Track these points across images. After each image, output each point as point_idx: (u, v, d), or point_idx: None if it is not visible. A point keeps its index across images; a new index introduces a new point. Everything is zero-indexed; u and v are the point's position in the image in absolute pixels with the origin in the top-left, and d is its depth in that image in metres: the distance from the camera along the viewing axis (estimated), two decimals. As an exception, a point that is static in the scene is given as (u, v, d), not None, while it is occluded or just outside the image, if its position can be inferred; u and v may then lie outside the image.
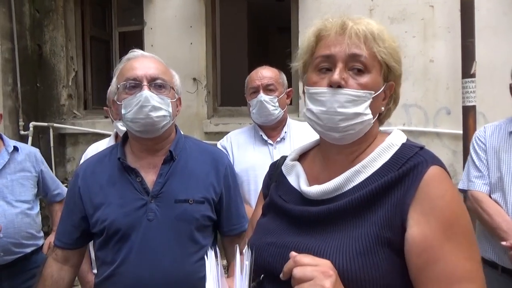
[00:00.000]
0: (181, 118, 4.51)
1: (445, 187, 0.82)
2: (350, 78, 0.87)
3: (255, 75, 2.08)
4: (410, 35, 3.95)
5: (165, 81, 1.34)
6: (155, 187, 1.33)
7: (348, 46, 0.86)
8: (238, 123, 4.00)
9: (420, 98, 3.95)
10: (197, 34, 4.46)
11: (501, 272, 1.78)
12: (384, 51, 0.88)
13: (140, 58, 1.37)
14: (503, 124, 1.92)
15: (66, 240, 1.42)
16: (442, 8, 3.86)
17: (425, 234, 0.78)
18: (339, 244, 0.81)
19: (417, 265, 0.78)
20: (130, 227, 1.30)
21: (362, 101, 0.87)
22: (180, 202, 1.32)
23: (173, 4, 4.52)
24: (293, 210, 0.92)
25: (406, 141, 0.92)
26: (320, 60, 0.90)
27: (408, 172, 0.83)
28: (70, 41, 4.89)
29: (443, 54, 3.87)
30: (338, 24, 0.89)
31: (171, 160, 1.37)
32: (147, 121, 1.29)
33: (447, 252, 0.77)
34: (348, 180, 0.88)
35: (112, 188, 1.35)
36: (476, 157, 1.90)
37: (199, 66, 4.49)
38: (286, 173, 1.02)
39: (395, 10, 3.98)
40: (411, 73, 3.97)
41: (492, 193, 1.84)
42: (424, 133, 3.96)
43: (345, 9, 4.08)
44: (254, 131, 2.13)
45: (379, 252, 0.79)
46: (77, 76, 4.99)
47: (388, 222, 0.80)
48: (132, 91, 1.30)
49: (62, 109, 4.88)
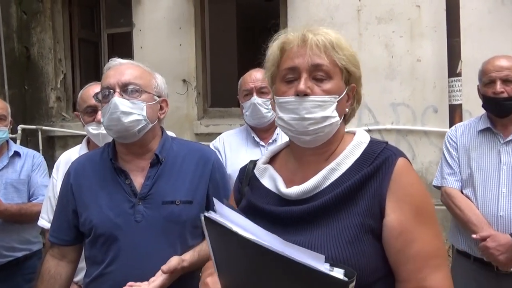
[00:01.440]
0: (171, 119, 4.51)
1: (413, 176, 0.94)
2: (315, 86, 0.95)
3: (249, 78, 2.09)
4: (398, 34, 4.00)
5: (138, 85, 1.35)
6: (143, 189, 1.35)
7: (310, 57, 0.95)
8: (228, 124, 4.02)
9: (407, 97, 4.01)
10: (186, 35, 4.46)
11: (473, 261, 1.91)
12: (344, 58, 0.97)
13: (115, 67, 1.39)
14: (472, 123, 2.02)
15: (61, 236, 1.44)
16: (428, 8, 3.92)
17: (400, 219, 0.88)
18: (328, 236, 0.88)
19: (395, 247, 0.88)
20: (117, 228, 1.32)
21: (328, 105, 0.95)
22: (167, 204, 1.34)
23: (162, 5, 4.51)
24: (276, 211, 0.97)
25: (371, 139, 1.01)
26: (286, 72, 0.98)
27: (381, 165, 0.93)
28: (58, 43, 4.85)
29: (430, 53, 3.92)
30: (299, 37, 0.97)
31: (158, 163, 1.39)
32: (119, 127, 1.31)
33: (420, 233, 0.88)
34: (325, 178, 0.96)
35: (101, 189, 1.37)
36: (448, 155, 2.01)
37: (189, 67, 4.49)
38: (259, 176, 1.08)
39: (382, 10, 4.03)
40: (398, 73, 4.02)
41: (463, 189, 1.95)
42: (412, 132, 4.01)
43: (333, 9, 4.12)
44: (246, 133, 2.15)
45: (364, 239, 0.88)
46: (66, 78, 4.96)
47: (369, 211, 0.90)
48: (107, 99, 1.33)
49: (50, 112, 4.84)
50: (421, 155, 4.00)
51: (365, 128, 4.04)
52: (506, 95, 1.82)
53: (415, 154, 4.03)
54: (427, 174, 3.89)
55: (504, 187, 1.82)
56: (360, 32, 4.09)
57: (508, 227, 1.78)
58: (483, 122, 1.96)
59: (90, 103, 1.87)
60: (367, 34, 4.07)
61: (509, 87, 1.83)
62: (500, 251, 1.73)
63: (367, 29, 4.07)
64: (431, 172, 3.83)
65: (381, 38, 4.04)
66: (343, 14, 4.10)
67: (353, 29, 4.09)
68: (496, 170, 1.86)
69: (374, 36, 4.05)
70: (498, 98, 1.84)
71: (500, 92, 1.82)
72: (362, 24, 4.08)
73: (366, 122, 4.10)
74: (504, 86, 1.83)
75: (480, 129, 1.95)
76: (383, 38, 4.03)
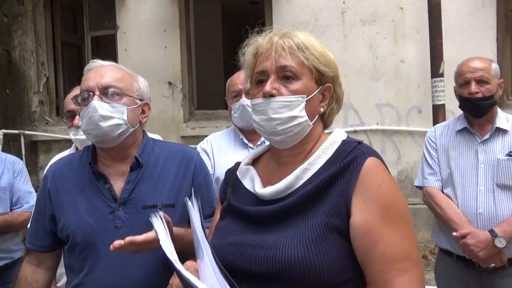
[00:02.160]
0: (157, 122, 4.49)
1: (382, 176, 0.91)
2: (282, 87, 0.97)
3: (237, 79, 2.06)
4: (381, 36, 4.05)
5: (119, 88, 1.31)
6: (123, 194, 1.31)
7: (275, 59, 0.97)
8: (215, 126, 4.01)
9: (392, 97, 4.06)
10: (171, 38, 4.44)
11: (456, 259, 1.93)
12: (311, 58, 0.97)
13: (96, 68, 1.35)
14: (450, 123, 2.06)
15: (38, 243, 1.39)
16: (411, 10, 3.98)
17: (366, 219, 0.87)
18: (293, 236, 0.88)
19: (361, 248, 0.87)
20: (96, 234, 1.27)
21: (295, 105, 0.96)
22: (149, 208, 1.29)
23: (147, 8, 4.49)
24: (250, 210, 0.99)
25: (346, 138, 1.01)
26: (257, 76, 1.01)
27: (349, 164, 0.92)
28: (40, 46, 4.78)
29: (413, 54, 3.98)
30: (266, 41, 1.00)
31: (139, 167, 1.35)
32: (98, 131, 1.27)
33: (386, 234, 0.86)
34: (298, 178, 0.96)
35: (80, 194, 1.32)
36: (428, 156, 2.04)
37: (174, 70, 4.47)
38: (241, 177, 1.09)
39: (366, 12, 4.08)
40: (383, 74, 4.07)
41: (444, 188, 1.98)
42: (397, 132, 4.06)
43: (317, 12, 4.15)
44: (234, 134, 2.12)
45: (330, 239, 0.87)
46: (49, 82, 4.88)
47: (335, 210, 0.89)
48: (86, 102, 1.29)
49: (33, 116, 4.76)
50: (406, 155, 4.05)
51: (351, 129, 4.08)
52: (481, 95, 1.86)
53: (401, 154, 4.08)
54: (413, 173, 3.94)
55: (482, 185, 1.85)
56: (345, 34, 4.13)
57: (487, 224, 1.81)
58: (460, 122, 1.99)
59: (69, 108, 1.83)
60: (352, 35, 4.11)
61: (483, 87, 1.86)
62: (480, 247, 1.75)
63: (352, 31, 4.11)
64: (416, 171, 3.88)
65: (365, 39, 4.09)
66: (328, 16, 4.13)
67: (338, 31, 4.13)
68: (474, 169, 1.89)
69: (359, 37, 4.10)
70: (473, 99, 1.87)
71: (475, 92, 1.86)
72: (347, 26, 4.12)
73: (352, 123, 4.14)
74: (479, 87, 1.86)
75: (458, 129, 1.98)
76: (368, 40, 4.08)
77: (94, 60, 1.39)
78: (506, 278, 1.83)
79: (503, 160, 1.84)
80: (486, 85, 1.87)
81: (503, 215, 1.80)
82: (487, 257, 1.77)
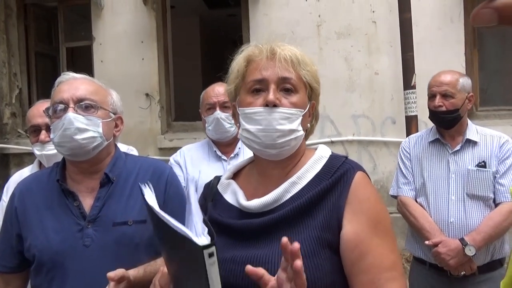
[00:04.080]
0: (135, 134, 4.43)
1: (370, 190, 0.94)
2: (282, 98, 0.96)
3: (212, 92, 2.08)
4: (356, 49, 4.15)
5: (93, 101, 1.30)
6: (92, 211, 1.28)
7: (279, 69, 0.96)
8: (193, 138, 3.99)
9: (367, 108, 4.15)
10: (148, 49, 4.42)
11: (429, 267, 1.98)
12: (308, 74, 0.99)
13: (69, 81, 1.33)
14: (424, 134, 2.13)
15: (5, 263, 1.34)
16: (384, 24, 4.10)
17: (356, 231, 0.89)
18: None
19: (351, 259, 0.88)
20: (64, 254, 1.24)
21: (295, 118, 0.96)
22: (119, 225, 1.28)
23: (123, 19, 4.46)
24: (236, 224, 0.97)
25: (332, 153, 1.03)
26: (253, 84, 0.98)
27: (340, 178, 0.94)
28: (13, 57, 4.67)
29: (386, 67, 4.10)
30: (268, 50, 0.99)
31: (109, 182, 1.33)
32: (73, 144, 1.25)
33: (375, 246, 0.88)
34: (286, 191, 0.96)
35: (48, 212, 1.29)
36: (402, 166, 2.10)
37: (152, 81, 4.44)
38: (222, 191, 1.07)
39: (340, 26, 4.18)
40: (358, 85, 4.16)
41: (417, 197, 2.03)
42: (372, 142, 4.15)
43: (294, 24, 4.23)
44: (208, 147, 2.13)
45: (321, 253, 0.88)
46: (22, 93, 4.76)
47: (327, 224, 0.90)
48: (59, 114, 1.27)
49: (5, 128, 4.62)
50: (382, 165, 4.14)
51: (328, 140, 4.15)
52: (445, 109, 1.93)
53: (376, 164, 4.16)
54: (388, 183, 4.01)
55: (453, 195, 1.91)
56: (321, 47, 4.21)
57: (458, 233, 1.86)
58: (432, 133, 2.06)
59: (34, 122, 1.77)
60: (327, 48, 4.20)
61: (447, 101, 1.93)
62: (451, 255, 1.80)
63: (327, 44, 4.20)
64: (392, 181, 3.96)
65: (340, 52, 4.18)
66: (304, 29, 4.21)
67: (314, 44, 4.21)
68: (445, 178, 1.95)
69: (334, 50, 4.19)
70: (437, 112, 1.95)
71: (439, 106, 1.94)
72: (322, 39, 4.21)
73: (329, 134, 4.20)
74: (443, 100, 1.93)
75: (430, 140, 2.04)
76: (343, 52, 4.17)
77: (66, 72, 1.38)
78: (476, 285, 1.89)
79: (473, 170, 1.90)
80: (450, 99, 1.94)
81: (473, 224, 1.86)
82: (458, 265, 1.82)
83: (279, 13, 4.23)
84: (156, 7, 4.45)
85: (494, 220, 1.84)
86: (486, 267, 1.89)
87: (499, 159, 1.90)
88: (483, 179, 1.88)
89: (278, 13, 4.23)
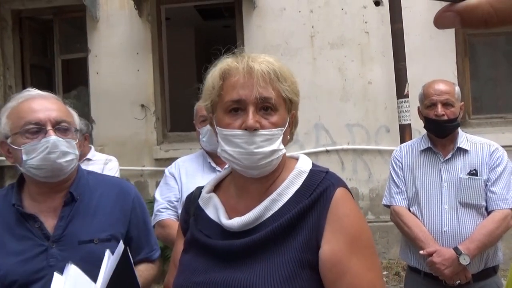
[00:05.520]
0: (130, 145, 4.44)
1: (350, 207, 0.92)
2: (262, 119, 0.92)
3: None
4: (349, 59, 4.20)
5: (69, 123, 1.30)
6: (56, 231, 1.26)
7: (258, 88, 0.91)
8: (188, 149, 4.00)
9: (361, 117, 4.19)
10: (144, 60, 4.45)
11: (424, 276, 1.97)
12: (288, 89, 0.95)
13: (38, 99, 1.29)
14: (415, 143, 2.14)
15: None
16: (376, 34, 4.16)
17: (334, 250, 0.87)
18: (266, 273, 0.86)
19: (329, 279, 0.87)
20: (29, 276, 1.22)
21: (276, 138, 0.93)
22: (85, 243, 1.27)
23: (119, 31, 4.49)
24: (217, 245, 0.94)
25: (312, 167, 0.99)
26: (231, 104, 0.93)
27: (319, 197, 0.92)
28: (8, 70, 4.68)
29: (379, 76, 4.14)
30: (244, 67, 0.93)
31: (73, 201, 1.31)
32: (55, 166, 1.24)
33: (353, 265, 0.87)
34: (267, 209, 0.94)
35: (9, 235, 1.26)
36: (395, 175, 2.10)
37: (147, 92, 4.46)
38: (203, 206, 1.04)
39: (334, 36, 4.23)
40: (352, 95, 4.20)
41: (410, 206, 2.03)
42: (367, 151, 4.18)
43: (288, 35, 4.27)
44: (202, 158, 2.14)
45: (302, 275, 0.86)
46: (17, 105, 4.77)
47: (307, 244, 0.88)
48: (34, 135, 1.24)
49: (0, 141, 4.61)
50: (377, 173, 4.16)
51: (323, 149, 4.17)
52: (446, 118, 1.95)
53: (371, 172, 4.18)
54: (383, 191, 4.01)
55: (446, 204, 1.91)
56: (315, 57, 4.26)
57: (452, 242, 1.87)
58: (424, 142, 2.06)
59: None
60: (321, 58, 4.25)
61: (448, 110, 1.95)
62: (445, 265, 1.81)
63: (321, 54, 4.25)
64: (387, 189, 3.98)
65: (334, 62, 4.23)
66: (298, 40, 4.26)
67: (308, 54, 4.26)
68: (438, 187, 1.95)
69: (328, 60, 4.24)
70: (439, 120, 1.95)
71: (442, 114, 1.95)
72: (316, 49, 4.26)
73: (324, 143, 4.23)
74: (444, 109, 1.95)
75: (422, 149, 2.05)
76: (336, 62, 4.22)
77: (29, 89, 1.35)
78: (471, 294, 1.89)
79: (465, 179, 1.92)
80: (451, 108, 1.95)
81: (466, 232, 1.87)
82: (453, 274, 1.82)
83: (273, 24, 4.28)
84: (151, 19, 4.49)
85: (487, 228, 1.84)
86: (480, 275, 1.89)
87: (489, 167, 1.92)
88: (475, 187, 1.90)
89: (272, 24, 4.29)
